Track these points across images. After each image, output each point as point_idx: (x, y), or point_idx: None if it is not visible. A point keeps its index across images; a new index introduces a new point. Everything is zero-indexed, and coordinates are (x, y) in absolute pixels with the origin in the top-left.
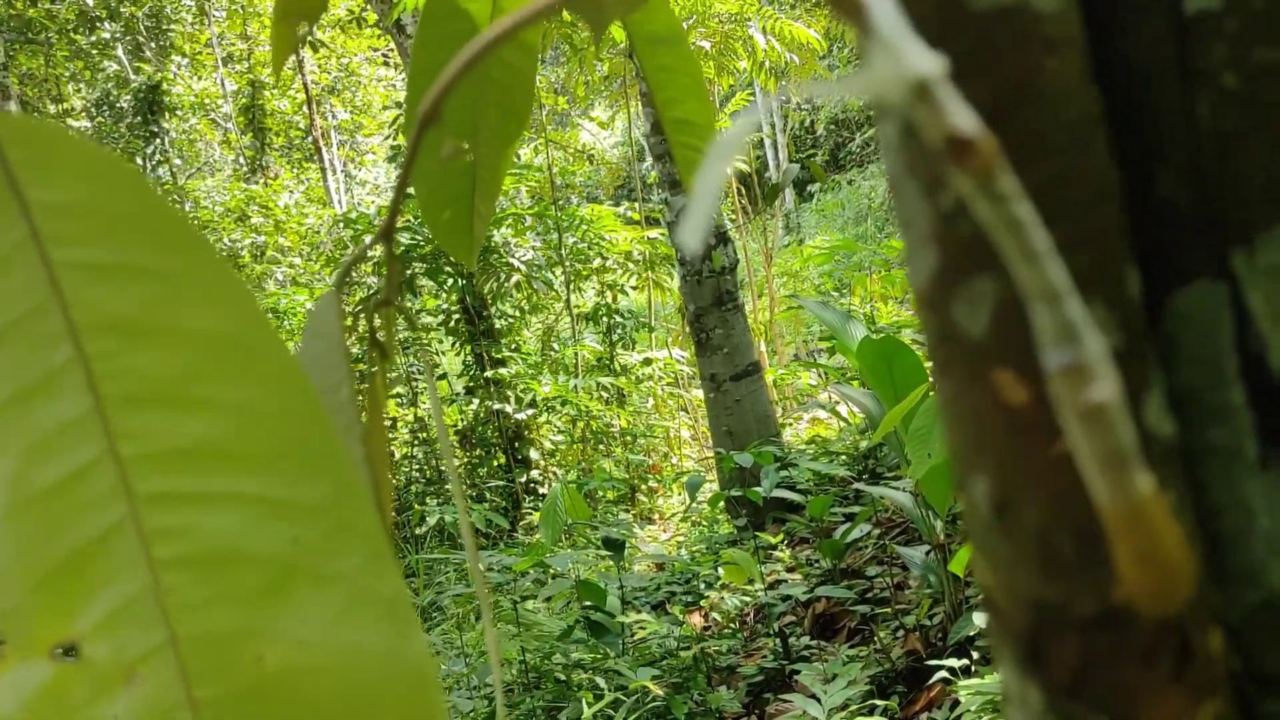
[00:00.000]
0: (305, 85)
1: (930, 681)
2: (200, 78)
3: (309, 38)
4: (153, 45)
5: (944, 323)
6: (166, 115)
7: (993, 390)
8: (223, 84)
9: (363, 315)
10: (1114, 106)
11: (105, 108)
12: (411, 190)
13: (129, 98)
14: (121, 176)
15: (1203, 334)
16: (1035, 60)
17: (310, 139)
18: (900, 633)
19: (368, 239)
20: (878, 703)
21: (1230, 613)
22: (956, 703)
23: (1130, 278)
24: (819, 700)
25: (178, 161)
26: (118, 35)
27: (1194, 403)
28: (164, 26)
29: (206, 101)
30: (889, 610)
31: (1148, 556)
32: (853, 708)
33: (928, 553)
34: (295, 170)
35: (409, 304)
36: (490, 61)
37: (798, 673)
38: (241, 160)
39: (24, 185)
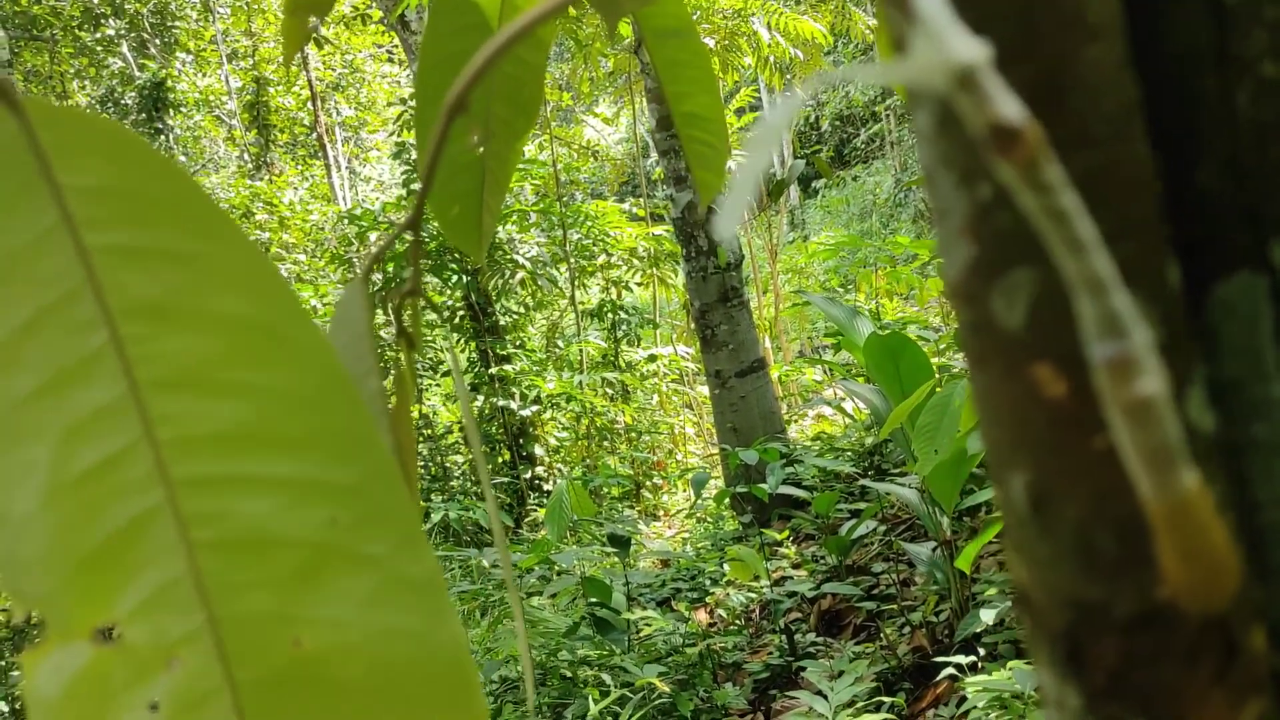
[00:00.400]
0: (310, 82)
1: (937, 678)
2: (205, 74)
3: (314, 34)
4: (157, 42)
5: (980, 315)
6: (171, 112)
7: (1031, 384)
8: (227, 80)
9: (388, 305)
10: (1151, 94)
11: (110, 104)
12: (414, 188)
13: (134, 94)
14: (151, 160)
15: (1244, 326)
16: (1077, 47)
17: (314, 135)
18: (906, 629)
19: (389, 231)
20: (884, 699)
21: (1273, 610)
22: (963, 699)
23: (1171, 269)
24: (825, 697)
25: (182, 158)
26: (122, 32)
27: (1236, 396)
28: (168, 23)
29: (211, 98)
30: (895, 607)
31: (1193, 554)
32: (859, 704)
33: (934, 549)
34: (300, 167)
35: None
36: (503, 56)
37: (804, 669)
38: (246, 157)
39: (56, 170)
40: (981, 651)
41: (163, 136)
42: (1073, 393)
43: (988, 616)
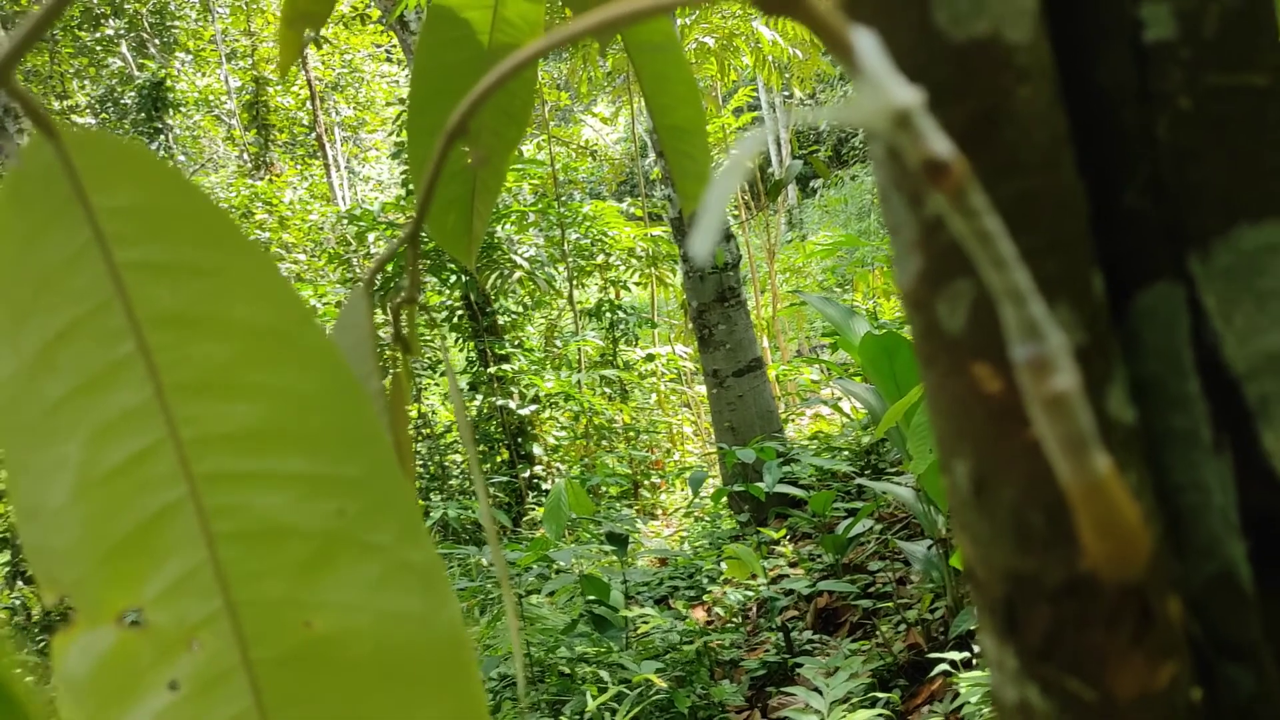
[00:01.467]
0: (309, 81)
1: (931, 674)
2: (204, 74)
3: (311, 40)
4: (157, 42)
5: (928, 320)
6: (170, 112)
7: (971, 381)
8: (226, 80)
9: (387, 307)
10: (1082, 126)
11: (109, 104)
12: (412, 188)
13: (133, 94)
14: (175, 181)
15: (1163, 330)
16: (1008, 87)
17: (314, 135)
18: (902, 627)
19: (388, 233)
20: (879, 695)
21: (1191, 583)
22: (957, 695)
23: (1096, 280)
24: (821, 693)
25: (181, 158)
26: (122, 32)
27: (1157, 393)
28: (168, 23)
29: (210, 98)
30: (891, 605)
31: (1108, 529)
32: (854, 700)
33: (930, 547)
34: (299, 166)
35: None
36: (493, 67)
37: (800, 666)
38: (245, 157)
39: (89, 192)
40: (975, 648)
41: (162, 136)
42: (1007, 389)
43: None
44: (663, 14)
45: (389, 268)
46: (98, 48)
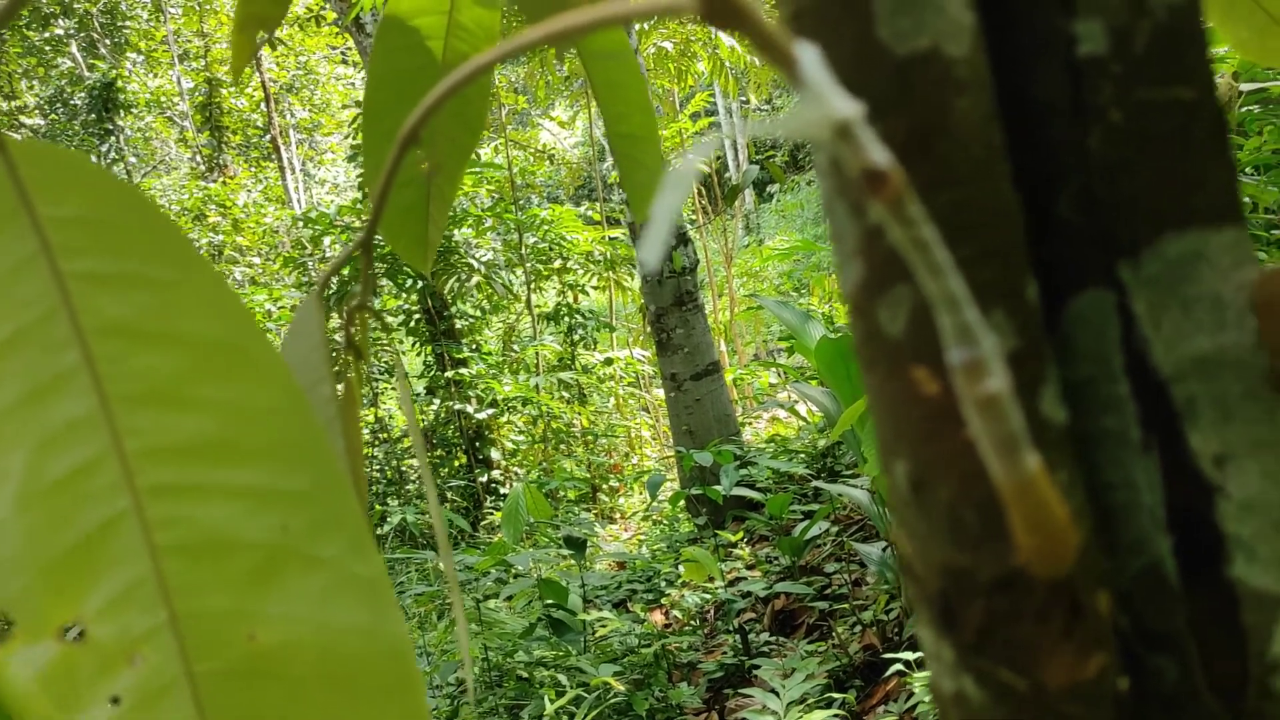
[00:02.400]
0: (263, 83)
1: (886, 675)
2: (156, 75)
3: (264, 44)
4: (107, 42)
5: (869, 325)
6: (121, 113)
7: (910, 384)
8: (179, 81)
9: (341, 311)
10: (1018, 138)
11: (59, 105)
12: (368, 192)
13: (83, 95)
14: (124, 193)
15: (1095, 335)
16: (947, 100)
17: (268, 137)
18: (858, 628)
19: (344, 237)
20: (835, 695)
21: (1120, 578)
22: (912, 694)
23: (1030, 287)
24: (778, 694)
25: (133, 160)
26: (71, 31)
27: (1089, 395)
28: (118, 23)
29: (162, 99)
30: (847, 606)
31: (1038, 525)
32: (810, 701)
33: (885, 549)
34: (253, 169)
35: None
36: (447, 74)
37: (757, 668)
38: (198, 159)
39: (36, 202)
40: None
41: (113, 138)
42: (944, 392)
43: None
44: (616, 25)
45: (344, 272)
46: (46, 48)
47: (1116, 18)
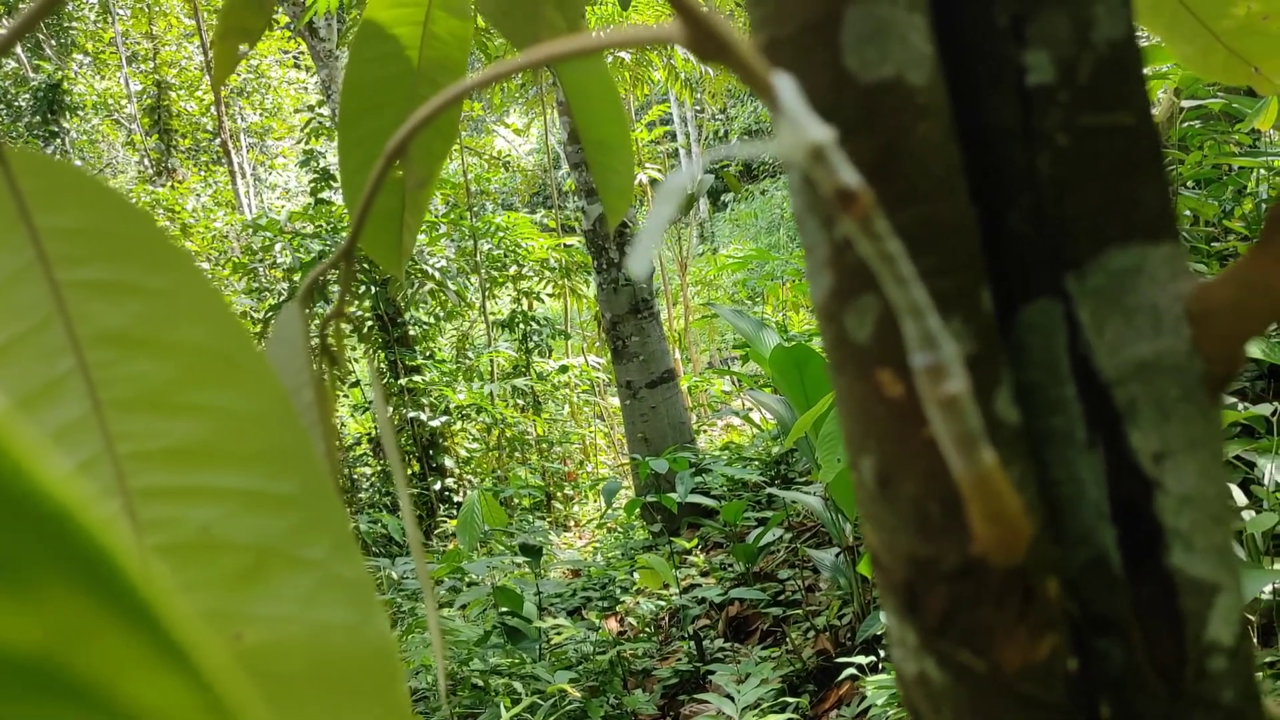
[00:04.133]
0: (213, 87)
1: (839, 679)
2: (103, 77)
3: (243, 57)
4: (53, 43)
5: (838, 331)
6: (67, 115)
7: (876, 385)
8: (127, 84)
9: (313, 321)
10: (974, 160)
11: (3, 106)
12: (340, 200)
13: (28, 96)
14: (119, 205)
15: (1044, 341)
16: (909, 124)
17: (218, 141)
18: (811, 633)
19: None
20: (789, 700)
21: (1068, 567)
22: (864, 698)
23: (985, 297)
24: (733, 700)
25: (79, 163)
26: None
27: (1038, 396)
28: (65, 24)
29: (110, 101)
30: (800, 612)
31: (994, 517)
32: (765, 706)
33: (837, 555)
34: (202, 173)
35: (320, 310)
36: (421, 83)
37: (712, 674)
38: (146, 162)
39: (34, 212)
40: (882, 653)
41: (59, 140)
42: (908, 393)
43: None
44: (598, 52)
45: (295, 276)
46: None
47: (1063, 50)
